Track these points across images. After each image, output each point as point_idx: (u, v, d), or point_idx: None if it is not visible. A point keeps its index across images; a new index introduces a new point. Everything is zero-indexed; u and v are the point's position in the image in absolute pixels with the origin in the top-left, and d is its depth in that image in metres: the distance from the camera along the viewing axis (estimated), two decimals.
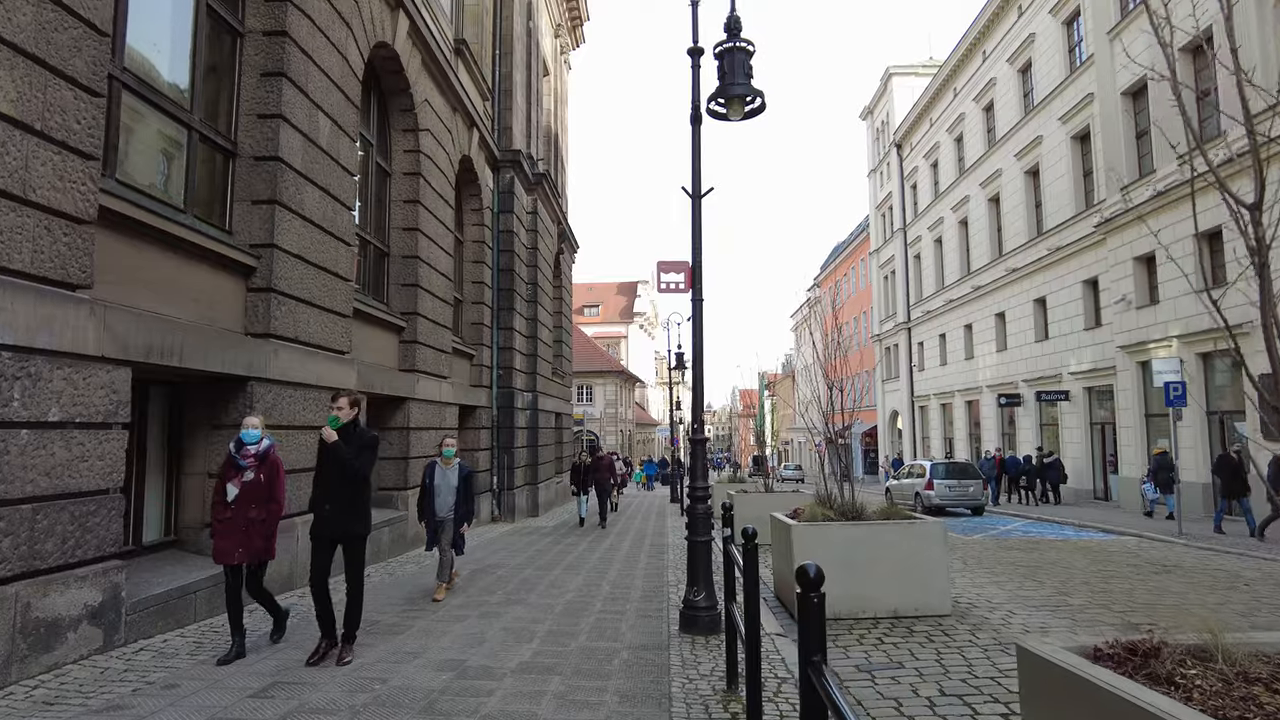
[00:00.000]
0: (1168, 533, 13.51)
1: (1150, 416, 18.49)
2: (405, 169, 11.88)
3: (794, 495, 13.47)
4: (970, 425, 30.03)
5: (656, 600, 7.36)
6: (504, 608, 6.96)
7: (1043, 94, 23.73)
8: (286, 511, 7.68)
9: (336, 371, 8.73)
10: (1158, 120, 17.52)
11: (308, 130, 8.17)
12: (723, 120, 6.60)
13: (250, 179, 7.54)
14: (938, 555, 7.05)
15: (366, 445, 5.29)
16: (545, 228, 19.83)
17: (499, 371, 16.51)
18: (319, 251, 8.39)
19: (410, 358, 11.54)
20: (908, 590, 6.94)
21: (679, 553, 11.16)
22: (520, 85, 18.18)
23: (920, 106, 34.60)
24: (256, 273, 7.44)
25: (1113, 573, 9.35)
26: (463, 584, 8.27)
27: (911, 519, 7.32)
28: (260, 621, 6.05)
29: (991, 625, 6.53)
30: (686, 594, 5.98)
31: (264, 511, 5.21)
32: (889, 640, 6.08)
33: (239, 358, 6.90)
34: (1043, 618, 6.79)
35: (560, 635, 5.91)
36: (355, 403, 5.34)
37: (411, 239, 11.73)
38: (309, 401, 8.11)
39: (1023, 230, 25.13)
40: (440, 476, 7.51)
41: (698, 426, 6.31)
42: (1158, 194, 17.27)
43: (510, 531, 14.09)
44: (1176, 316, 16.89)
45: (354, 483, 5.16)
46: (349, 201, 9.25)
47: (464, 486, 7.50)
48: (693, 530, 6.05)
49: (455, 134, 13.79)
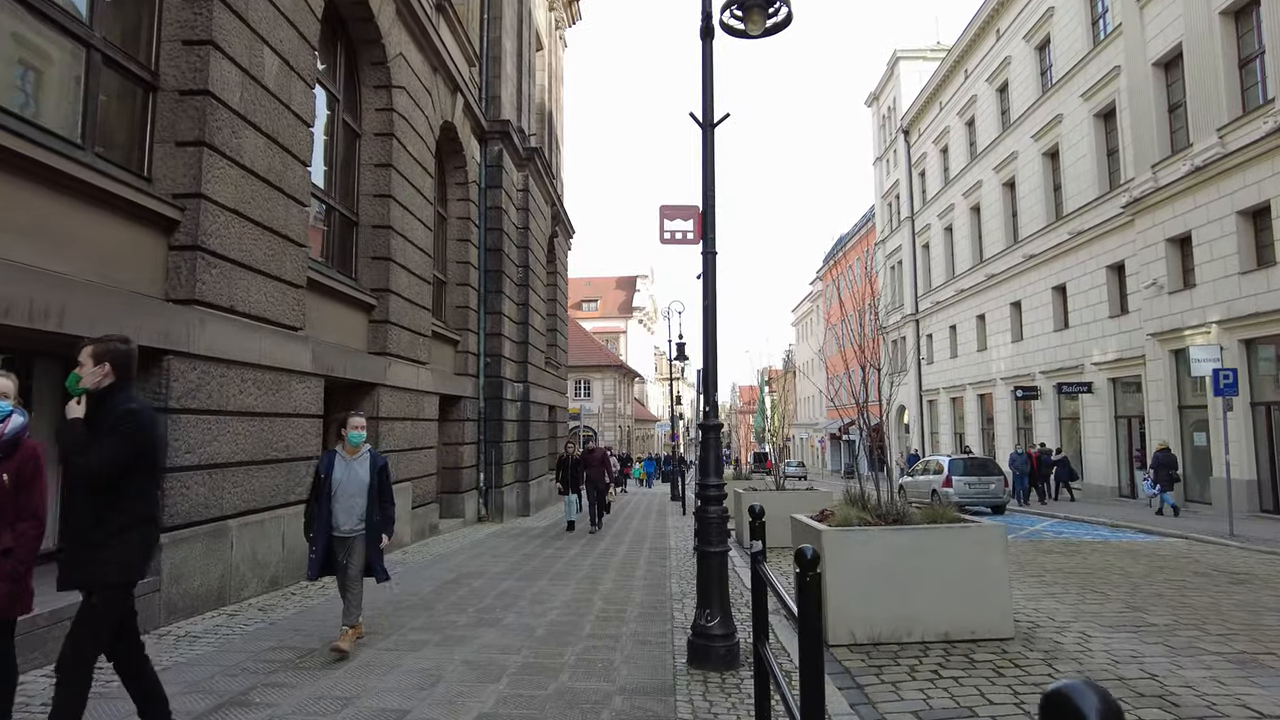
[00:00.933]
0: (1214, 534, 12.33)
1: (1184, 408, 17.29)
2: (377, 129, 10.65)
3: (809, 493, 12.25)
4: (983, 420, 28.84)
5: (658, 621, 6.15)
6: (473, 631, 5.74)
7: (1062, 70, 22.49)
8: (220, 512, 6.51)
9: (285, 349, 7.51)
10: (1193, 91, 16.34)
11: (248, 65, 6.94)
12: (740, 37, 5.40)
13: (174, 117, 6.31)
14: (997, 566, 5.85)
15: (114, 429, 3.04)
16: (538, 207, 18.59)
17: (486, 360, 15.28)
18: (262, 208, 7.17)
19: (381, 339, 10.32)
20: (962, 608, 5.75)
21: (682, 557, 9.95)
22: (510, 53, 16.93)
23: (929, 90, 33.35)
24: (180, 227, 6.22)
25: (1181, 582, 8.15)
26: (430, 598, 7.04)
27: (965, 522, 6.11)
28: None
29: (1068, 653, 5.33)
30: (697, 618, 4.78)
31: (7, 536, 2.99)
32: (947, 673, 4.89)
33: (152, 325, 5.68)
34: (1127, 642, 5.59)
35: (537, 672, 4.70)
36: (110, 357, 3.15)
37: (383, 206, 10.50)
38: (249, 383, 6.90)
39: (1040, 215, 23.91)
40: (342, 471, 5.17)
41: (710, 410, 5.10)
42: (1195, 169, 16.07)
43: (497, 533, 12.87)
44: (1216, 300, 15.68)
45: (90, 493, 3.06)
46: (303, 155, 8.03)
47: (379, 484, 5.26)
48: (704, 538, 4.84)
49: (436, 97, 12.55)
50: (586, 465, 12.97)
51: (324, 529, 5.04)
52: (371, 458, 5.30)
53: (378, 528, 5.20)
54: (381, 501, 5.26)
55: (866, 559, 5.70)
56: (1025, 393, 24.28)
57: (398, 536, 10.38)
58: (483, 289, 15.30)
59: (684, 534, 12.69)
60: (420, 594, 7.22)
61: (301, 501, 7.78)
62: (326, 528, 5.06)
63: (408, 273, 11.09)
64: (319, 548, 5.01)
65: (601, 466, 13.20)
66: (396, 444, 10.49)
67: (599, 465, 13.12)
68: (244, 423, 6.85)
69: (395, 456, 10.43)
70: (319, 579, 5.30)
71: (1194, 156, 16.22)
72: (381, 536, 5.24)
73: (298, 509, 7.55)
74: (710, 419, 5.09)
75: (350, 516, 5.13)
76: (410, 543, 10.90)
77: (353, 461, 5.22)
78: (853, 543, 5.76)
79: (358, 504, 5.14)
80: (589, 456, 13.23)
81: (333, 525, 5.09)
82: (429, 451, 11.96)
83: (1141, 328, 18.38)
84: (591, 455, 13.16)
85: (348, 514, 5.15)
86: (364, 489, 5.15)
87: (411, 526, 11.02)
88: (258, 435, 7.05)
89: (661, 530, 13.61)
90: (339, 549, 5.13)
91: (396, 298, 10.64)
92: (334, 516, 5.09)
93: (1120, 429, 20.42)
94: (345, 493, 5.13)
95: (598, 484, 13.12)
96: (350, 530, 5.12)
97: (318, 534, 5.02)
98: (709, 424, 5.08)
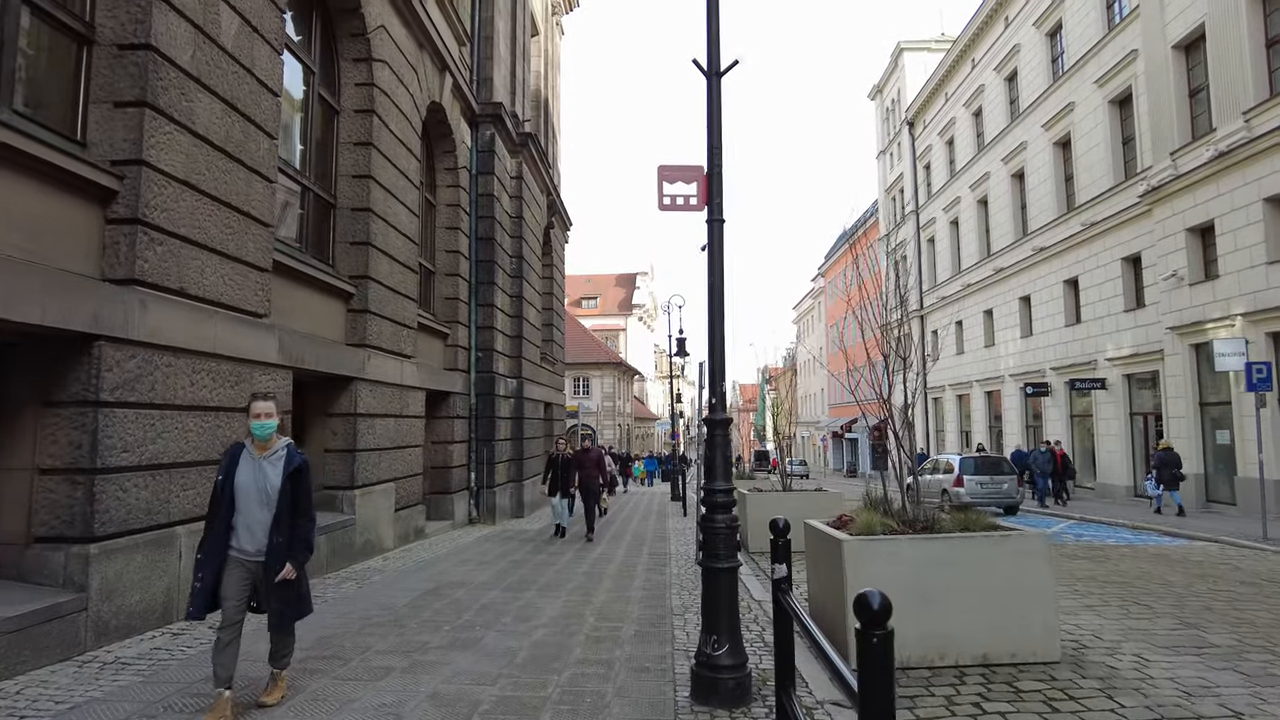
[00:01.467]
0: (1245, 537, 11.65)
1: (1205, 405, 16.59)
2: (356, 105, 9.94)
3: (818, 494, 11.56)
4: (990, 417, 28.14)
5: (657, 641, 5.45)
6: (445, 654, 5.04)
7: (1075, 57, 21.76)
8: (167, 519, 5.83)
9: (247, 338, 6.81)
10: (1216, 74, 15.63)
11: (201, 21, 6.24)
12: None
13: (112, 74, 5.61)
14: (1041, 580, 5.16)
15: None
16: (532, 195, 17.88)
17: (478, 354, 14.57)
18: (219, 181, 6.47)
19: (360, 330, 9.61)
20: (1002, 628, 5.07)
21: (683, 563, 9.26)
22: (503, 34, 16.22)
23: (935, 81, 32.61)
24: (119, 198, 5.52)
25: (1229, 593, 7.46)
26: (403, 613, 6.34)
27: (1005, 530, 5.42)
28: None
29: (1126, 681, 4.65)
30: (702, 644, 4.09)
31: None
32: (991, 706, 4.21)
33: (80, 307, 4.99)
34: (1192, 668, 4.90)
35: (514, 709, 4.01)
36: None
37: (363, 188, 9.80)
38: (201, 374, 6.20)
39: (1051, 206, 23.19)
40: (248, 472, 3.92)
41: (716, 401, 4.40)
42: (1218, 155, 15.36)
43: (486, 537, 12.17)
44: (1240, 292, 14.98)
45: None
46: (269, 126, 7.32)
47: (293, 491, 3.96)
48: (709, 552, 4.14)
49: (422, 75, 11.84)
50: (580, 466, 11.77)
51: (217, 549, 3.82)
52: (288, 456, 4.01)
53: (275, 552, 3.85)
54: (293, 516, 3.93)
55: (893, 572, 5.01)
56: (1035, 389, 23.58)
57: (378, 540, 9.69)
58: (474, 280, 14.59)
59: (685, 537, 12.00)
60: (393, 607, 6.52)
61: None
62: (221, 548, 3.83)
63: (390, 259, 10.39)
64: (206, 574, 3.77)
65: (596, 468, 12.03)
66: (377, 442, 9.80)
67: (594, 466, 11.94)
68: (196, 418, 6.15)
69: (376, 456, 9.75)
70: (205, 617, 3.90)
71: (1217, 142, 15.51)
72: (284, 564, 3.86)
73: None
74: (717, 412, 4.39)
75: (251, 533, 3.88)
76: (393, 548, 10.20)
77: (263, 460, 3.95)
78: (879, 554, 5.07)
79: (261, 518, 3.88)
80: (583, 456, 11.98)
81: (232, 544, 3.86)
82: (414, 450, 11.26)
83: (1159, 321, 17.67)
84: (586, 455, 11.94)
85: (250, 531, 3.86)
86: (270, 497, 3.89)
87: (394, 530, 10.32)
88: (213, 432, 6.36)
89: (661, 533, 12.92)
90: (236, 576, 3.86)
91: (377, 286, 9.94)
92: (235, 533, 3.87)
93: (1135, 426, 19.72)
94: (247, 501, 3.87)
95: (591, 487, 11.90)
96: (257, 553, 3.89)
97: (207, 555, 3.81)
98: (715, 418, 4.38)
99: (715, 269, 4.44)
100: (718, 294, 4.44)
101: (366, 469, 9.46)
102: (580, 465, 11.73)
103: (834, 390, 49.94)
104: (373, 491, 9.61)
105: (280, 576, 3.83)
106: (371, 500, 9.58)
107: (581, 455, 12.04)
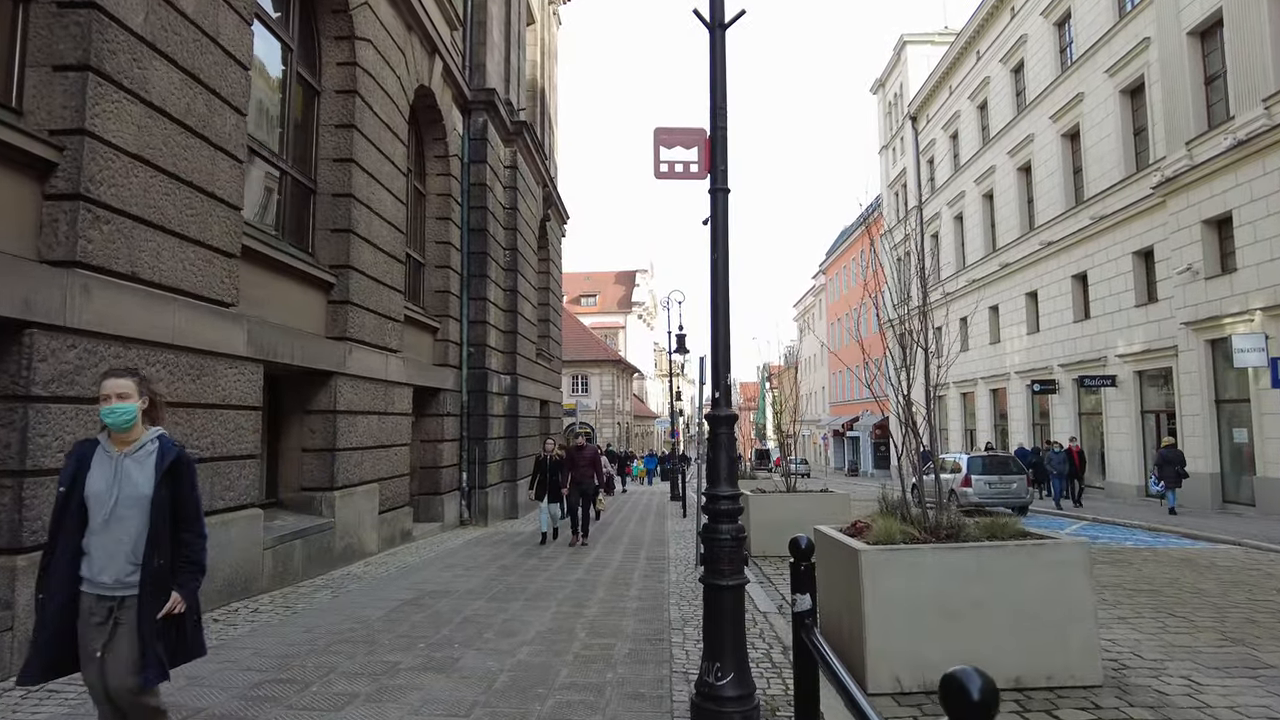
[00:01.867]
0: (1271, 540, 11.11)
1: (1221, 402, 16.06)
2: (338, 85, 9.41)
3: (824, 495, 11.03)
4: (995, 415, 27.63)
5: (654, 661, 4.93)
6: (417, 677, 4.52)
7: (1084, 46, 21.22)
8: None
9: (210, 328, 6.29)
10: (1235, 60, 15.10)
11: None
12: None
13: (50, 34, 5.08)
14: (1080, 593, 4.65)
15: None
16: (527, 186, 17.34)
17: (470, 349, 14.05)
18: (177, 157, 5.94)
19: (341, 323, 9.09)
20: (1036, 647, 4.55)
21: (683, 569, 8.75)
22: (497, 19, 15.68)
23: (938, 74, 32.06)
24: (58, 170, 4.99)
25: (1270, 604, 6.94)
26: (376, 627, 5.81)
27: (1038, 539, 4.91)
28: None
29: (1179, 710, 4.13)
30: (703, 673, 3.57)
31: None
32: None
33: (8, 291, 4.46)
34: (1251, 693, 4.38)
35: None
36: None
37: (344, 172, 9.27)
38: (158, 368, 5.67)
39: (1059, 200, 22.65)
40: (104, 477, 2.81)
41: (720, 396, 3.88)
42: (1237, 144, 14.83)
43: (477, 540, 11.65)
44: (1260, 285, 14.44)
45: None
46: (237, 101, 6.80)
47: (172, 497, 2.87)
48: (712, 567, 3.62)
49: (410, 57, 11.31)
50: (573, 466, 11.06)
51: (63, 583, 2.75)
52: (160, 451, 2.90)
53: (156, 578, 2.77)
54: (175, 532, 2.86)
55: (916, 585, 4.51)
56: (1043, 387, 23.06)
57: (360, 544, 9.16)
58: (465, 272, 14.06)
59: (685, 540, 11.48)
60: (367, 621, 6.00)
61: (235, 508, 6.58)
62: (68, 579, 2.75)
63: (374, 248, 9.86)
64: (49, 614, 2.73)
65: (590, 468, 11.33)
66: (360, 441, 9.28)
67: (588, 465, 11.25)
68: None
69: (358, 455, 9.23)
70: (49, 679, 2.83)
71: (1235, 130, 14.98)
72: (172, 597, 2.80)
73: (222, 516, 6.34)
74: (721, 408, 3.87)
75: (114, 559, 2.77)
76: (376, 552, 9.68)
77: (124, 459, 2.84)
78: (900, 565, 4.55)
79: (126, 536, 2.78)
80: (577, 455, 11.28)
81: (84, 574, 2.77)
82: (400, 450, 10.73)
83: (1173, 316, 17.15)
84: (580, 454, 11.24)
85: (109, 554, 2.77)
86: (143, 508, 2.80)
87: (378, 534, 9.80)
88: (170, 431, 5.82)
89: (660, 535, 12.39)
90: (90, 620, 2.77)
91: (360, 276, 9.41)
92: (88, 558, 2.77)
93: (1146, 424, 19.20)
94: (102, 515, 2.77)
95: (585, 488, 11.17)
96: (117, 584, 2.77)
97: (50, 592, 2.75)
98: (719, 414, 3.86)
99: (719, 244, 3.92)
100: (722, 272, 3.92)
101: (347, 469, 8.94)
102: (573, 464, 11.12)
103: (835, 388, 49.43)
104: (354, 493, 9.09)
105: (165, 610, 2.77)
106: (353, 502, 9.06)
107: (575, 453, 11.44)
